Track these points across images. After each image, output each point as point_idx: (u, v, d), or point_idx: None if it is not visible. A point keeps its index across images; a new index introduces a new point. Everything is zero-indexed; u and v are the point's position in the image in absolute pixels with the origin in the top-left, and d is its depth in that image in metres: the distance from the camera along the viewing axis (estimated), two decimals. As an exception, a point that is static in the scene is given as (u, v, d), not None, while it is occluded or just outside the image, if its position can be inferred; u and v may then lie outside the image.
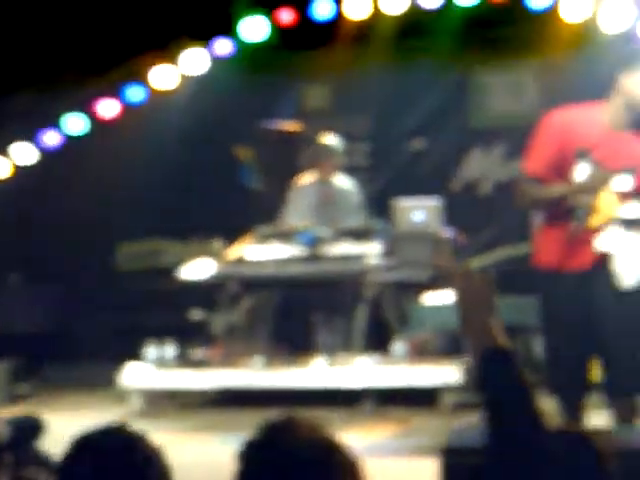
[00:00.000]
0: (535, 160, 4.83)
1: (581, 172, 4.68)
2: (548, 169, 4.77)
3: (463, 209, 8.00)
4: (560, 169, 4.73)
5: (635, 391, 4.77)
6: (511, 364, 2.51)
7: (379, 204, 7.76)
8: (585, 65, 8.08)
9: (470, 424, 5.23)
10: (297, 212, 7.96)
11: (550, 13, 8.55)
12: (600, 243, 4.73)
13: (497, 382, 2.50)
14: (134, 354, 7.52)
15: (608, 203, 4.66)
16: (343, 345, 7.39)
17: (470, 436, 3.68)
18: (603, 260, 4.71)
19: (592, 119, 4.72)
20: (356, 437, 5.81)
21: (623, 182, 4.67)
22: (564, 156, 4.71)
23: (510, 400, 2.48)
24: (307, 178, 8.10)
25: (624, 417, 4.77)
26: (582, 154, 4.67)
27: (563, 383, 4.83)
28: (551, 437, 2.42)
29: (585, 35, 8.44)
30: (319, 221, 7.77)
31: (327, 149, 7.97)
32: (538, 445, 2.37)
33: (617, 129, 4.71)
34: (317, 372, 7.22)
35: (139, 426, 2.52)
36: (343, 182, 8.07)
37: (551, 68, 8.80)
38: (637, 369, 4.68)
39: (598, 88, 4.93)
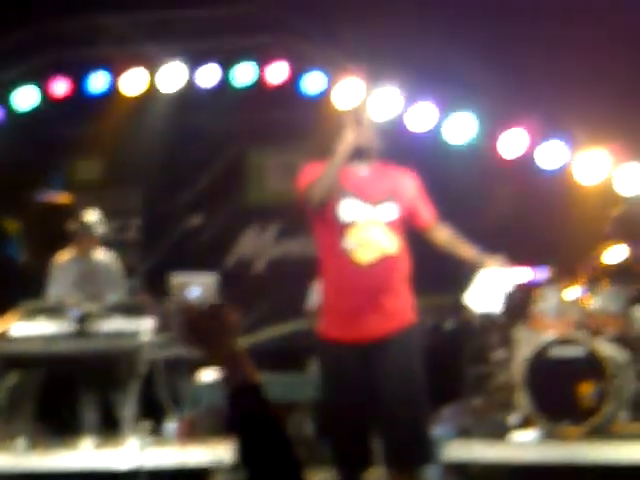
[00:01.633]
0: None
1: (345, 208, 4.69)
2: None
3: (237, 286, 7.92)
4: (323, 213, 4.72)
5: (412, 463, 4.75)
6: (259, 398, 2.43)
7: (154, 279, 7.57)
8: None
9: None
10: (60, 288, 7.66)
11: (323, 99, 8.73)
12: None
13: (245, 416, 2.44)
14: None
15: (377, 235, 4.67)
16: (113, 425, 7.08)
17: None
18: (382, 335, 4.69)
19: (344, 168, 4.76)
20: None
21: (387, 211, 4.71)
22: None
23: (259, 433, 2.41)
24: (68, 253, 7.83)
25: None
26: (344, 194, 4.69)
27: (342, 457, 4.75)
28: None
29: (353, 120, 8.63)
30: (82, 296, 7.50)
31: (86, 224, 7.75)
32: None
33: (361, 167, 4.77)
34: (85, 453, 6.86)
35: None
36: (103, 257, 7.83)
37: (322, 150, 8.93)
38: (412, 441, 4.66)
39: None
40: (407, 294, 4.79)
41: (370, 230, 4.65)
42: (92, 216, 7.78)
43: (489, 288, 5.01)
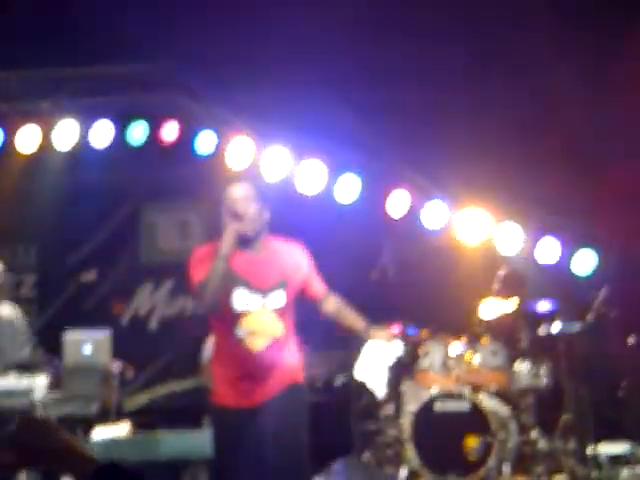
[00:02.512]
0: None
1: (238, 298, 4.79)
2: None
3: (131, 343, 7.90)
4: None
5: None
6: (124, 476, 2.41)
7: (47, 336, 7.51)
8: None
9: None
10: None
11: (215, 158, 8.83)
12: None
13: None
14: None
15: (268, 323, 4.79)
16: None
17: None
18: (269, 398, 4.82)
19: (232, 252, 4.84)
20: None
21: (276, 299, 4.83)
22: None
23: None
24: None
25: None
26: (236, 283, 4.79)
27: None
28: None
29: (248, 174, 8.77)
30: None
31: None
32: None
33: (250, 253, 4.86)
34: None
35: None
36: (8, 312, 7.71)
37: (214, 208, 9.02)
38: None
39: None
40: (294, 357, 4.94)
41: (261, 318, 4.78)
42: None
43: (375, 361, 5.23)
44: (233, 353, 4.81)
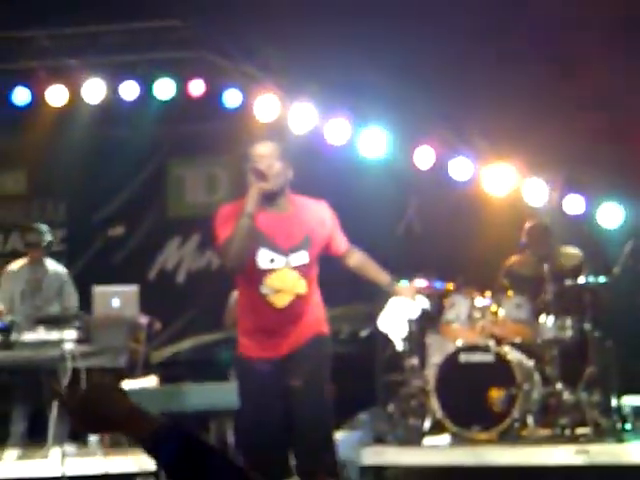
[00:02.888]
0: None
1: (262, 256, 4.81)
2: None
3: (159, 296, 7.95)
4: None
5: (321, 471, 4.89)
6: (182, 435, 2.39)
7: (77, 290, 7.59)
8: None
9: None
10: (6, 297, 7.62)
11: (242, 112, 8.82)
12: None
13: (176, 457, 2.35)
14: None
15: (291, 281, 4.82)
16: (39, 434, 7.08)
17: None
18: (294, 348, 4.85)
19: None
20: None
21: (300, 257, 4.84)
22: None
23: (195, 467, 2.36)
24: (16, 264, 7.79)
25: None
26: (261, 242, 4.80)
27: (259, 468, 4.84)
28: None
29: (273, 132, 8.75)
30: (25, 306, 7.50)
31: (35, 234, 7.72)
32: None
33: (274, 211, 4.86)
34: (9, 463, 6.86)
35: None
36: (52, 266, 7.81)
37: (241, 163, 9.02)
38: (319, 449, 4.81)
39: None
40: (318, 311, 4.96)
41: (284, 276, 4.82)
42: (42, 226, 7.75)
43: (397, 315, 5.27)
44: (257, 309, 4.86)
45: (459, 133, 8.46)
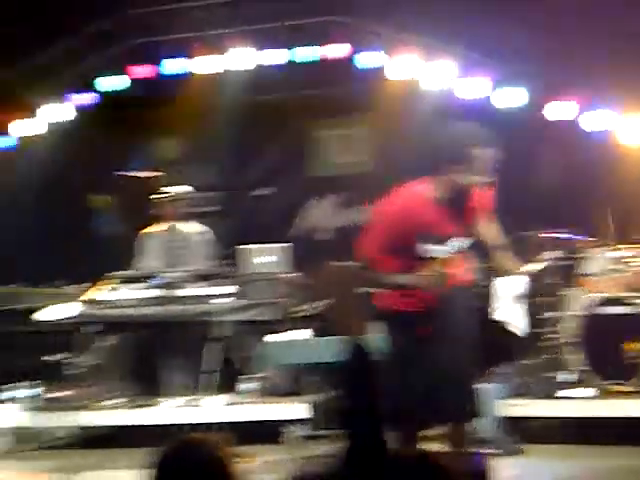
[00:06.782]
0: (371, 244, 4.89)
1: (424, 248, 4.79)
2: (383, 251, 4.84)
3: (302, 253, 7.96)
4: (397, 251, 4.81)
5: (461, 419, 4.88)
6: (368, 360, 2.53)
7: (228, 248, 7.73)
8: (409, 118, 8.32)
9: (314, 457, 5.24)
10: (149, 256, 7.83)
11: (379, 74, 8.74)
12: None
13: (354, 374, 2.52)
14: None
15: (449, 267, 4.78)
16: (193, 384, 7.29)
17: (313, 469, 3.66)
18: (440, 302, 4.81)
19: (423, 200, 4.80)
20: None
21: (460, 246, 4.80)
22: (404, 240, 4.80)
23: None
24: (158, 224, 7.97)
25: (455, 444, 4.86)
26: (423, 237, 4.78)
27: (406, 414, 4.83)
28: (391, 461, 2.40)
29: (409, 92, 8.67)
30: (169, 265, 7.68)
31: (175, 197, 7.88)
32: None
33: (443, 204, 4.82)
34: (168, 410, 7.09)
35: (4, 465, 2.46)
36: (193, 227, 7.96)
37: (380, 122, 9.00)
38: (460, 400, 4.78)
39: (420, 139, 4.98)
40: (464, 270, 4.92)
41: (442, 264, 4.79)
42: (181, 189, 7.92)
43: (508, 299, 5.14)
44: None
45: (596, 87, 8.17)
